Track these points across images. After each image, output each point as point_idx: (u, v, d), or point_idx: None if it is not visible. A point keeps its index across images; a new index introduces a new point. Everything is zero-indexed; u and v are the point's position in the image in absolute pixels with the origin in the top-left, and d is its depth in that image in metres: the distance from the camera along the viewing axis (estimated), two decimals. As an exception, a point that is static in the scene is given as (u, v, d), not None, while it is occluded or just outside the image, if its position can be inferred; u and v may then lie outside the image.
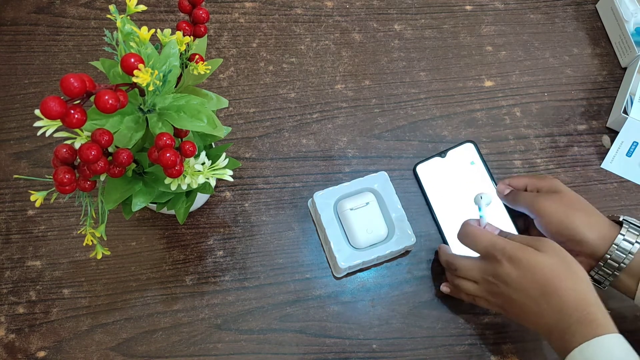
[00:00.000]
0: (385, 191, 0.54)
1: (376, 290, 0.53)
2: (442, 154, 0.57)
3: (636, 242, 0.43)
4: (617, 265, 0.43)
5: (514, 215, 0.54)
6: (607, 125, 0.63)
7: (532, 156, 0.61)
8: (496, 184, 0.55)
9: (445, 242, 0.54)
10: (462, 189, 0.56)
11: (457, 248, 0.50)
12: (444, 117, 0.62)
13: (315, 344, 0.51)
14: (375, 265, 0.54)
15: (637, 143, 0.60)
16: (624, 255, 0.43)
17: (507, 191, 0.53)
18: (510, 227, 0.54)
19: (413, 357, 0.51)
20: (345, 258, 0.51)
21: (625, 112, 0.61)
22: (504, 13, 0.69)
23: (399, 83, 0.64)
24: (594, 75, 0.66)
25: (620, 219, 0.46)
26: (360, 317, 0.52)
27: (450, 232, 0.54)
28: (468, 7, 0.69)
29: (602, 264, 0.44)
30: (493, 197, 0.53)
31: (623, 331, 0.52)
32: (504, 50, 0.67)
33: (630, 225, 0.45)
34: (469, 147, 0.58)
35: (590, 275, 0.46)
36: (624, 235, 0.44)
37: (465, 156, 0.58)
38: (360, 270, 0.54)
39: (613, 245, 0.44)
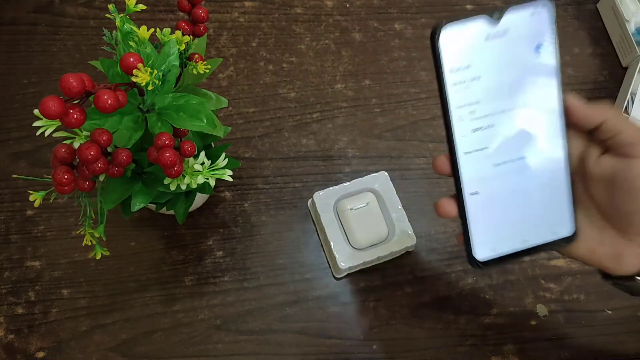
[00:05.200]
0: (385, 191, 0.54)
1: (376, 291, 0.53)
2: (494, 14, 0.30)
3: None
4: None
5: None
6: (608, 125, 0.63)
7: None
8: (562, 93, 0.33)
9: (456, 172, 0.32)
10: (508, 88, 0.31)
11: (473, 188, 0.33)
12: (444, 117, 0.62)
13: (315, 344, 0.50)
14: (375, 265, 0.54)
15: (638, 143, 0.60)
16: None
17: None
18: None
19: (413, 357, 0.50)
20: (345, 258, 0.50)
21: (626, 112, 0.61)
22: (504, 12, 0.69)
23: (399, 82, 0.64)
24: (594, 75, 0.66)
25: None
26: (360, 318, 0.52)
27: (470, 157, 0.32)
28: (469, 6, 0.69)
29: None
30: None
31: (623, 332, 0.52)
32: (505, 49, 0.67)
33: None
34: (542, 13, 0.31)
35: None
36: None
37: (530, 31, 0.31)
38: (361, 270, 0.54)
39: None
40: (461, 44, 0.30)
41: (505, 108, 0.31)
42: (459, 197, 0.32)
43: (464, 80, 0.30)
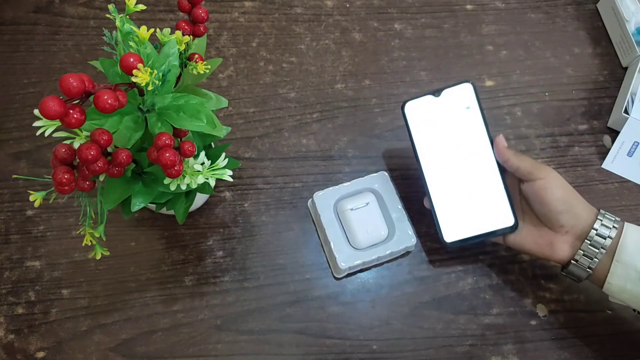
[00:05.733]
0: (385, 191, 0.54)
1: (376, 291, 0.53)
2: (435, 92, 0.51)
3: (613, 226, 0.45)
4: (601, 244, 0.45)
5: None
6: (608, 125, 0.63)
7: (533, 156, 0.60)
8: (489, 134, 0.50)
9: (426, 187, 0.51)
10: (453, 134, 0.50)
11: (438, 196, 0.51)
12: (444, 117, 0.62)
13: (315, 344, 0.50)
14: (375, 265, 0.54)
15: (638, 143, 0.60)
16: (604, 239, 0.45)
17: (506, 144, 0.49)
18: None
19: (413, 357, 0.50)
20: (345, 258, 0.50)
21: (626, 112, 0.61)
22: (504, 12, 0.69)
23: (399, 83, 0.64)
24: (594, 75, 0.66)
25: None
26: (360, 318, 0.52)
27: (434, 178, 0.51)
28: (469, 7, 0.69)
29: (588, 242, 0.45)
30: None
31: (623, 332, 0.52)
32: (505, 49, 0.67)
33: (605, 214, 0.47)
34: (467, 88, 0.50)
35: (574, 260, 0.46)
36: (601, 220, 0.46)
37: (461, 99, 0.50)
38: (361, 270, 0.54)
39: (598, 219, 0.45)
40: (419, 109, 0.51)
41: (453, 144, 0.50)
42: (429, 198, 0.51)
43: (424, 130, 0.51)
